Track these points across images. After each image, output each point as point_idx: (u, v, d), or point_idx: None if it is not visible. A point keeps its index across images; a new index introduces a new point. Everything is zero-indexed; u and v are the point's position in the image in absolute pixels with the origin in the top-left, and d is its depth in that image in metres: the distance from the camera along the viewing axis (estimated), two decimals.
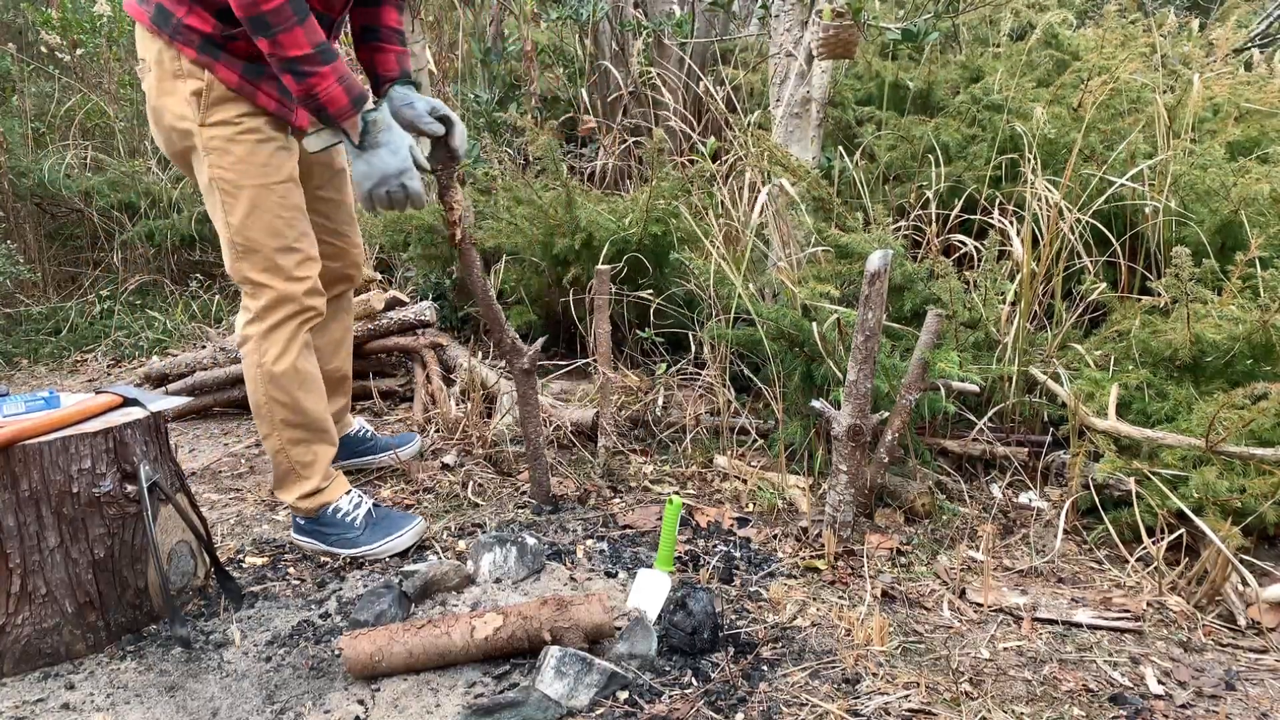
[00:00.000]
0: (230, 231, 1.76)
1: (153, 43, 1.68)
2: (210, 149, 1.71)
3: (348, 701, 1.41)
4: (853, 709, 1.38)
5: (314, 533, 1.94)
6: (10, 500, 1.45)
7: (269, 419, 1.86)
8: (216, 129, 1.71)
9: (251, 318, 1.82)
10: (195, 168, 1.77)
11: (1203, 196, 2.54)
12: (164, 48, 1.67)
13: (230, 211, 1.75)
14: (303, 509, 1.92)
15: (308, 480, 1.91)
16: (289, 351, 1.83)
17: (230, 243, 1.78)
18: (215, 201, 1.75)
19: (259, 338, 1.82)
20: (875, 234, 2.43)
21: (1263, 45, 4.24)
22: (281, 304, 1.81)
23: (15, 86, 4.86)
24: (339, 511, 1.93)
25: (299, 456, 1.89)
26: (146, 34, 1.69)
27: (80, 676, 1.49)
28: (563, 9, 4.08)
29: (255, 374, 1.83)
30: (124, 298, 4.25)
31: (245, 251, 1.78)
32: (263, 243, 1.77)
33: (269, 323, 1.81)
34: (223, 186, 1.73)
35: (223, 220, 1.76)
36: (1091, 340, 2.35)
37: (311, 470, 1.91)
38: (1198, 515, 1.80)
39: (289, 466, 1.90)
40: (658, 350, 2.91)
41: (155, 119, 1.75)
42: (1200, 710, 1.42)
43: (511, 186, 3.29)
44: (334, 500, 1.93)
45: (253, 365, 1.83)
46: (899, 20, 3.28)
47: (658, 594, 1.62)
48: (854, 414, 1.86)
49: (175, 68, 1.68)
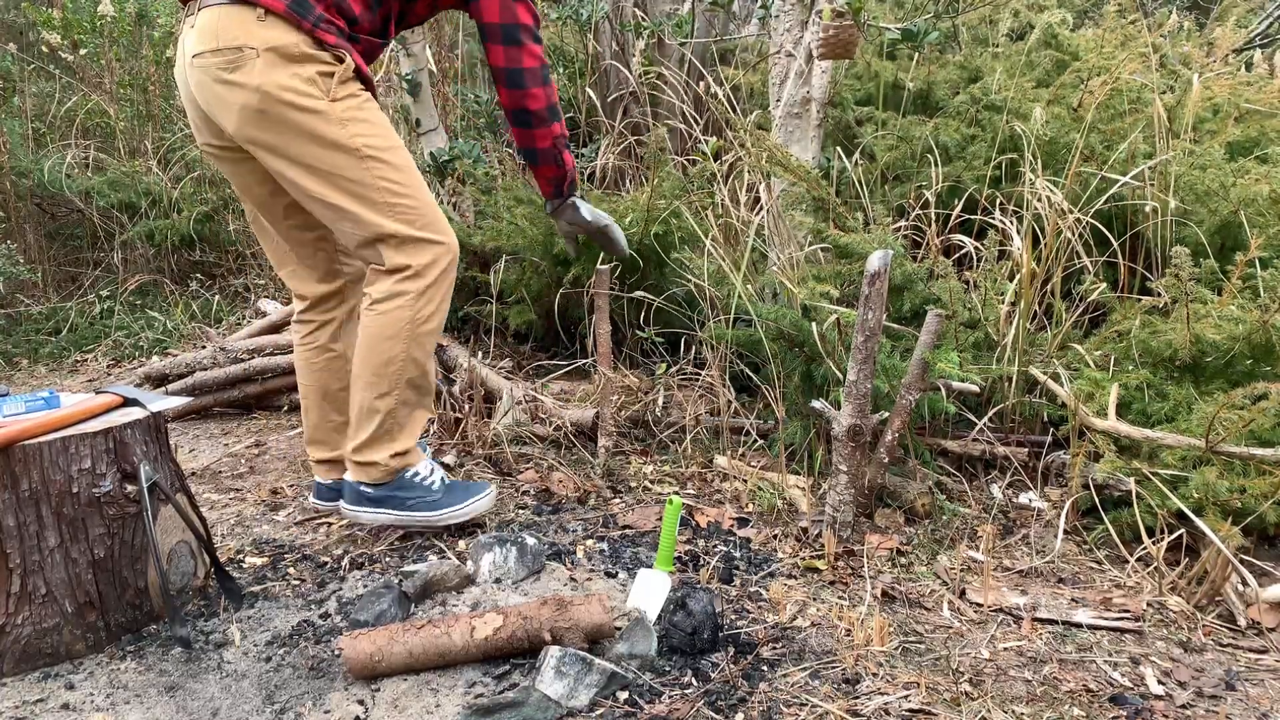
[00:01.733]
0: (391, 193, 1.80)
1: (278, 30, 1.71)
2: (349, 119, 1.77)
3: (348, 701, 1.41)
4: (853, 709, 1.38)
5: (385, 500, 1.93)
6: (10, 500, 1.45)
7: (394, 377, 1.86)
8: (347, 102, 1.78)
9: (411, 275, 1.83)
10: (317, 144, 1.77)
11: (1202, 197, 2.55)
12: (296, 35, 1.72)
13: (388, 171, 1.80)
14: (385, 470, 1.91)
15: (402, 440, 1.92)
16: (441, 310, 1.88)
17: (390, 205, 1.80)
18: (362, 168, 1.78)
19: (416, 295, 1.83)
20: (875, 234, 2.44)
21: (1263, 45, 4.24)
22: (444, 258, 1.86)
23: (16, 86, 4.86)
24: (418, 475, 1.94)
25: (403, 417, 1.91)
26: (275, 19, 1.71)
27: (80, 676, 1.49)
28: (563, 9, 4.08)
29: (399, 331, 1.83)
30: (124, 298, 4.25)
31: (409, 208, 1.82)
32: (422, 197, 1.84)
33: (429, 279, 1.84)
34: (372, 152, 1.79)
35: (374, 184, 1.79)
36: (1091, 340, 2.35)
37: (409, 432, 1.93)
38: (1198, 515, 1.80)
39: (389, 426, 1.90)
40: (657, 350, 2.91)
41: (260, 100, 1.72)
42: (1200, 710, 1.42)
43: (511, 186, 3.29)
44: (416, 464, 1.95)
45: (398, 323, 1.83)
46: (899, 20, 3.28)
47: (658, 594, 1.62)
48: (854, 414, 1.86)
49: (300, 53, 1.73)
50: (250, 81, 1.71)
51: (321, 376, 2.07)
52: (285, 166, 1.79)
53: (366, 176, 1.79)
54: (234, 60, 1.71)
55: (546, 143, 1.95)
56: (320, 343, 2.06)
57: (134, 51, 4.94)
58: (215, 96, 1.75)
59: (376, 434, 1.89)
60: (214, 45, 1.71)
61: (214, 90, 1.74)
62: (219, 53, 1.71)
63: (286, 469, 2.52)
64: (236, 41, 1.71)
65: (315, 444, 2.11)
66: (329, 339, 2.06)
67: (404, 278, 1.83)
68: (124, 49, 4.86)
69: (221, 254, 4.50)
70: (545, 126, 1.93)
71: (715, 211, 2.80)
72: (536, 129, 1.93)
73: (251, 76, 1.70)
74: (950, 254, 2.65)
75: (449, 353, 3.05)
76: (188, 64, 1.76)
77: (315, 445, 2.12)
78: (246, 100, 1.72)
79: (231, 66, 1.71)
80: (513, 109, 1.91)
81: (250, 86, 1.71)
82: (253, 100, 1.72)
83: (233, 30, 1.71)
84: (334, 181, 1.79)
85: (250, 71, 1.70)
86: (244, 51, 1.71)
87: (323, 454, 2.11)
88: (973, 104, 3.15)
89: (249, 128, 1.76)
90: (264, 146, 1.78)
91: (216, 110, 1.76)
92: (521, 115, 1.92)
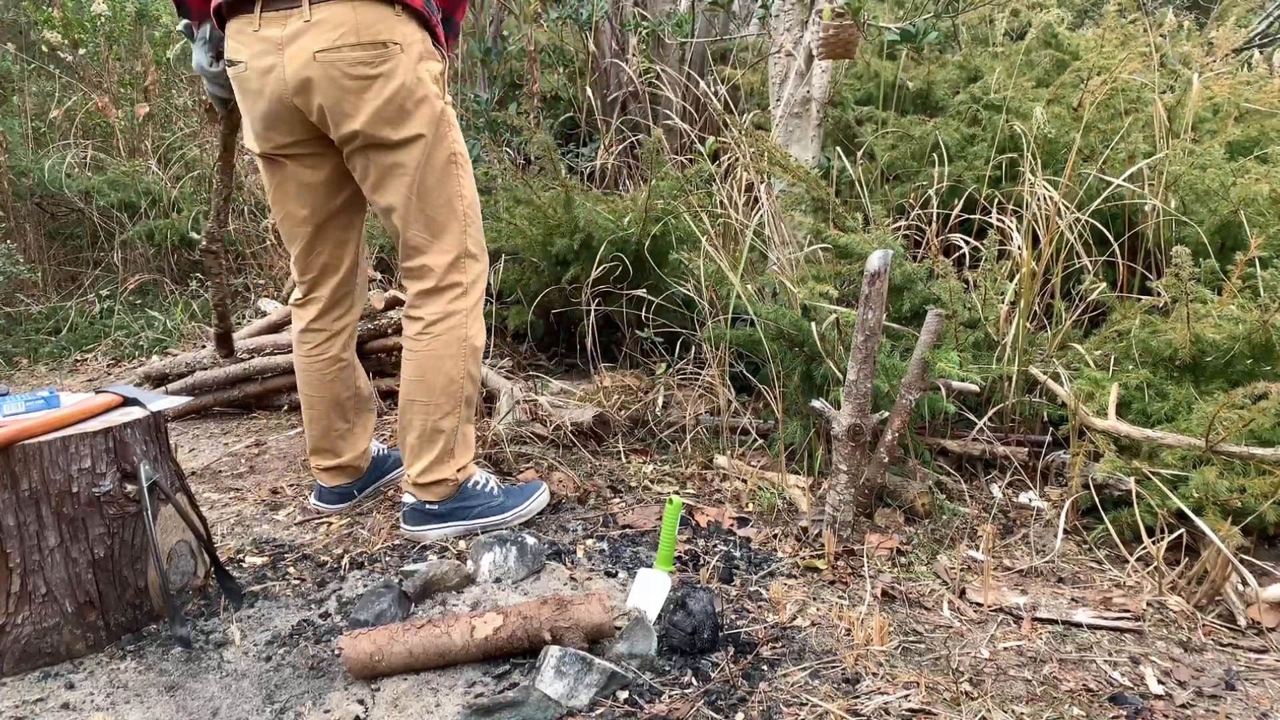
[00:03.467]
0: (464, 204, 1.84)
1: (413, 25, 1.74)
2: (450, 124, 1.82)
3: (348, 701, 1.41)
4: (853, 709, 1.38)
5: (452, 514, 1.95)
6: (10, 500, 1.45)
7: (456, 396, 1.88)
8: (449, 106, 1.83)
9: (461, 293, 1.85)
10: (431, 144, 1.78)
11: (1202, 196, 2.55)
12: (424, 31, 1.75)
13: (464, 184, 1.84)
14: (452, 485, 1.93)
15: (462, 455, 1.94)
16: (484, 329, 1.93)
17: (462, 215, 1.84)
18: (449, 175, 1.81)
19: (466, 313, 1.86)
20: (875, 234, 2.44)
21: (1263, 45, 4.24)
22: (484, 276, 1.91)
23: (15, 86, 4.86)
24: (477, 483, 1.97)
25: (466, 432, 1.94)
26: (411, 15, 1.73)
27: (80, 676, 1.49)
28: (563, 9, 4.08)
29: (458, 350, 1.85)
30: (124, 297, 4.25)
31: (469, 223, 1.85)
32: (477, 214, 1.88)
33: (475, 296, 1.88)
34: (461, 160, 1.83)
35: (456, 193, 1.82)
36: (1091, 340, 2.35)
37: (467, 445, 1.96)
38: (1198, 515, 1.80)
39: (453, 444, 1.91)
40: (657, 350, 2.91)
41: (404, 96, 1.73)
42: (1200, 710, 1.42)
43: (510, 186, 3.30)
44: (475, 473, 1.98)
45: (456, 342, 1.85)
46: (899, 20, 3.28)
47: (658, 594, 1.62)
48: (854, 414, 1.86)
49: (427, 50, 1.76)
50: (396, 76, 1.71)
51: (333, 387, 2.05)
52: (391, 166, 1.78)
53: (453, 184, 1.82)
54: (380, 55, 1.70)
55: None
56: (332, 353, 2.04)
57: (134, 51, 4.94)
58: (347, 91, 1.71)
59: (441, 454, 1.90)
60: (353, 40, 1.69)
61: (346, 85, 1.71)
62: (361, 47, 1.69)
63: (286, 469, 2.52)
64: (380, 36, 1.70)
65: (321, 453, 2.11)
66: (340, 349, 2.05)
67: (456, 296, 1.85)
68: (124, 49, 4.85)
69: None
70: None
71: (714, 212, 2.80)
72: None
73: (398, 71, 1.71)
74: (950, 254, 2.65)
75: None
76: (300, 60, 1.70)
77: (321, 454, 2.11)
78: (392, 95, 1.72)
79: (378, 61, 1.70)
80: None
81: (396, 81, 1.72)
82: (399, 95, 1.73)
83: (375, 25, 1.69)
84: (427, 184, 1.80)
85: (397, 66, 1.71)
86: (389, 47, 1.71)
87: (328, 462, 2.11)
88: (973, 103, 3.15)
89: (382, 123, 1.74)
90: (386, 143, 1.76)
91: (347, 105, 1.72)
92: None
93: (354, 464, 2.13)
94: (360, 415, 2.13)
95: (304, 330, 2.04)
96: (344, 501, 2.16)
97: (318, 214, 1.95)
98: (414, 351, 1.87)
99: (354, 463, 2.13)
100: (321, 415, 2.07)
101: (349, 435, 2.12)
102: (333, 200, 1.94)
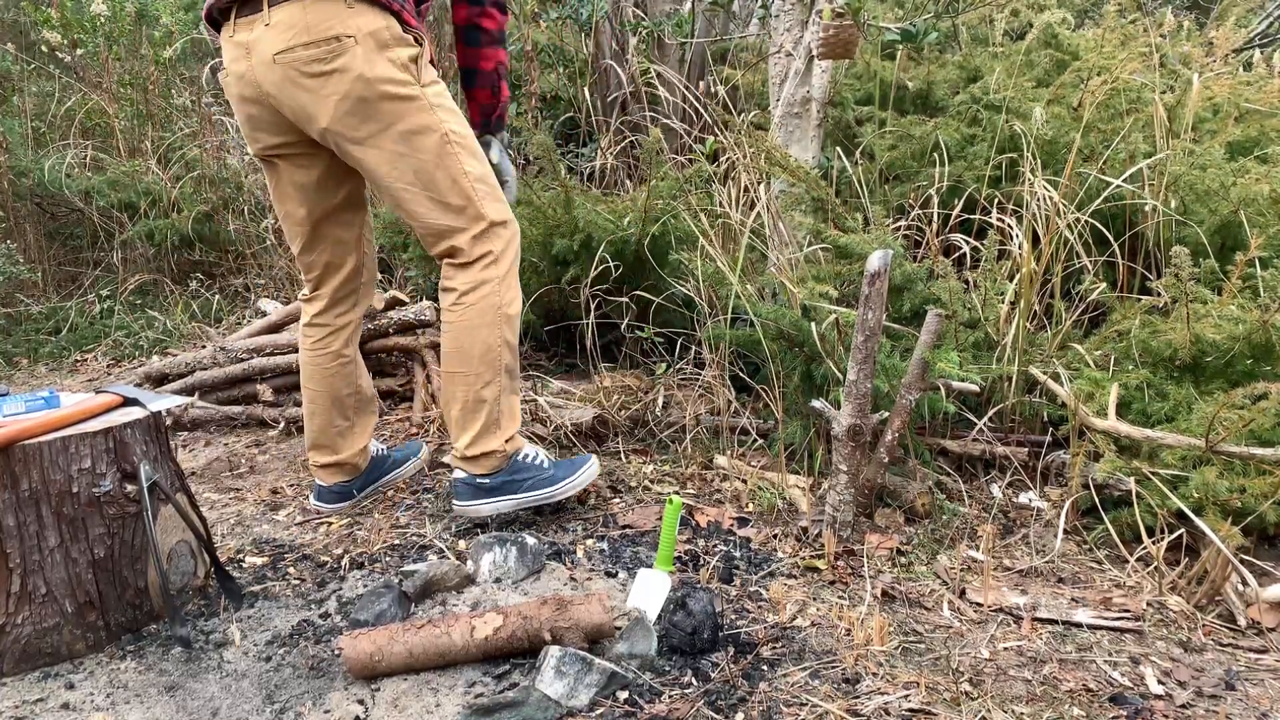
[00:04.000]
0: (472, 179, 1.83)
1: (369, 15, 1.71)
2: (436, 105, 1.80)
3: (348, 701, 1.41)
4: (853, 709, 1.38)
5: (503, 487, 1.94)
6: (10, 500, 1.45)
7: (494, 364, 1.87)
8: (433, 87, 1.81)
9: (492, 261, 1.85)
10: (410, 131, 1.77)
11: (1202, 196, 2.54)
12: (386, 18, 1.73)
13: (468, 159, 1.83)
14: (501, 457, 1.92)
15: (508, 426, 1.93)
16: (518, 290, 1.91)
17: (471, 191, 1.83)
18: (447, 155, 1.80)
19: (498, 281, 1.86)
20: (874, 234, 2.43)
21: (1263, 45, 4.24)
22: (515, 239, 1.90)
23: (15, 86, 4.86)
24: (527, 455, 1.96)
25: (507, 402, 1.93)
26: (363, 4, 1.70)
27: (80, 676, 1.49)
28: (563, 9, 4.08)
29: (493, 318, 1.85)
30: (124, 297, 4.25)
31: (486, 194, 1.85)
32: (494, 182, 1.88)
33: (508, 263, 1.88)
34: (457, 139, 1.82)
35: (459, 171, 1.82)
36: (1091, 340, 2.35)
37: (513, 417, 1.95)
38: (1198, 515, 1.80)
39: (496, 414, 1.90)
40: (657, 350, 2.91)
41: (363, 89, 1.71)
42: (1200, 710, 1.42)
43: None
44: (524, 445, 1.97)
45: (490, 310, 1.85)
46: (899, 20, 3.28)
47: (658, 594, 1.62)
48: (854, 414, 1.86)
49: (391, 37, 1.73)
50: (352, 70, 1.69)
51: (333, 382, 2.06)
52: (377, 158, 1.78)
53: (453, 164, 1.81)
54: (332, 50, 1.68)
55: (490, 65, 1.96)
56: (334, 348, 2.05)
57: (133, 51, 4.94)
58: (306, 91, 1.71)
59: (487, 424, 1.90)
60: (305, 39, 1.68)
61: (305, 85, 1.70)
62: (313, 45, 1.68)
63: (286, 469, 2.52)
64: (332, 31, 1.68)
65: (319, 449, 2.11)
66: (342, 345, 2.07)
67: (487, 265, 1.85)
68: (123, 48, 4.86)
69: (221, 254, 4.50)
70: (494, 48, 1.95)
71: (713, 212, 2.80)
72: (485, 48, 1.95)
73: (353, 65, 1.69)
74: (950, 254, 2.65)
75: None
76: (263, 63, 1.71)
77: (319, 450, 2.11)
78: (348, 90, 1.70)
79: (331, 57, 1.68)
80: (465, 24, 1.94)
81: (352, 75, 1.69)
82: (355, 89, 1.70)
83: (325, 21, 1.68)
84: (425, 170, 1.79)
85: (351, 60, 1.69)
86: (342, 41, 1.68)
87: (326, 458, 2.11)
88: (973, 103, 3.15)
89: (347, 118, 1.73)
90: (357, 138, 1.76)
91: (309, 105, 1.72)
92: (472, 32, 1.94)
93: (352, 461, 2.13)
94: (360, 414, 2.14)
95: (308, 324, 2.07)
96: (343, 500, 2.15)
97: (314, 213, 1.95)
98: (450, 323, 1.88)
99: (352, 460, 2.13)
100: (321, 410, 2.07)
101: (348, 433, 2.12)
102: (329, 199, 1.95)
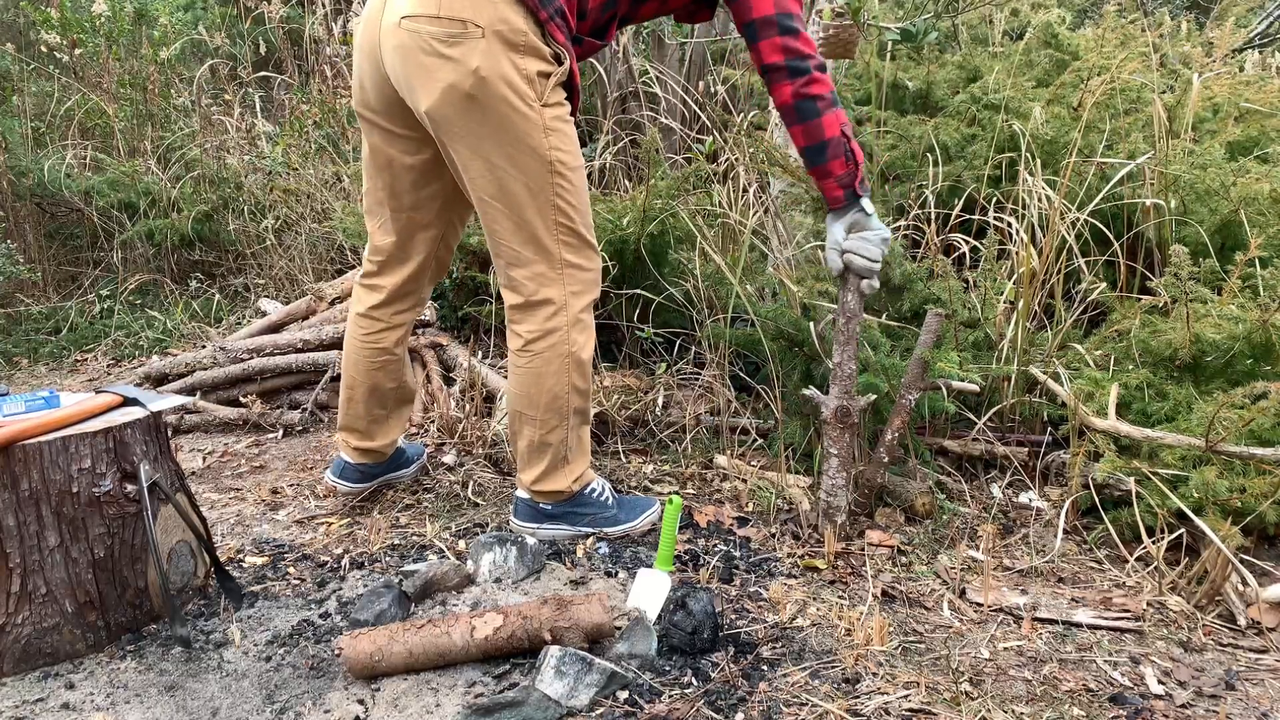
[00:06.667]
0: (563, 214, 1.74)
1: (508, 11, 1.59)
2: (550, 129, 1.68)
3: (348, 701, 1.41)
4: (853, 709, 1.38)
5: (564, 516, 1.91)
6: (10, 500, 1.45)
7: (563, 410, 1.81)
8: (555, 109, 1.69)
9: (554, 311, 1.77)
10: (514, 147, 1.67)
11: (1202, 196, 2.55)
12: (527, 21, 1.61)
13: (569, 193, 1.73)
14: (568, 493, 1.89)
15: (578, 464, 1.89)
16: (592, 329, 1.82)
17: (557, 225, 1.74)
18: (545, 184, 1.70)
19: (569, 325, 1.77)
20: None
21: (1262, 45, 4.24)
22: (594, 285, 1.81)
23: (15, 86, 4.86)
24: (594, 491, 1.93)
25: (575, 442, 1.87)
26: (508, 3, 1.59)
27: (80, 676, 1.49)
28: None
29: (559, 366, 1.78)
30: (124, 297, 4.25)
31: (572, 233, 1.76)
32: (586, 223, 1.78)
33: (580, 306, 1.79)
34: (561, 169, 1.71)
35: (550, 203, 1.72)
36: (1091, 340, 2.35)
37: (582, 452, 1.90)
38: (1198, 515, 1.80)
39: (565, 453, 1.85)
40: (657, 350, 2.91)
41: (476, 86, 1.60)
42: (1200, 710, 1.42)
43: None
44: (592, 479, 1.94)
45: (560, 356, 1.77)
46: (899, 20, 3.28)
47: (658, 594, 1.62)
48: (841, 395, 1.87)
49: (525, 43, 1.62)
50: (469, 62, 1.58)
51: (378, 376, 2.01)
52: (470, 159, 1.68)
53: (550, 192, 1.71)
54: (455, 35, 1.57)
55: (836, 130, 1.75)
56: (385, 345, 1.99)
57: (133, 51, 4.94)
58: (420, 67, 1.61)
59: (554, 462, 1.86)
60: (434, 12, 1.57)
61: (420, 60, 1.60)
62: (438, 21, 1.57)
63: (286, 469, 2.52)
64: (462, 15, 1.57)
65: (352, 431, 2.07)
66: (394, 344, 2.00)
67: (551, 314, 1.77)
68: (123, 48, 4.86)
69: (221, 254, 4.50)
70: (833, 112, 1.76)
71: (712, 211, 2.80)
72: (825, 114, 1.75)
73: (471, 57, 1.58)
74: (950, 254, 2.65)
75: (449, 352, 3.05)
76: (390, 24, 1.62)
77: (352, 433, 2.07)
78: (458, 80, 1.59)
79: (451, 40, 1.57)
80: (796, 100, 1.74)
81: (467, 67, 1.58)
82: (465, 82, 1.59)
83: (461, 1, 1.58)
84: (517, 192, 1.70)
85: (471, 50, 1.58)
86: (468, 28, 1.58)
87: (358, 442, 2.08)
88: (972, 103, 3.15)
89: (448, 109, 1.62)
90: (455, 133, 1.66)
91: (417, 81, 1.62)
92: (806, 104, 1.74)
93: (381, 450, 2.12)
94: (399, 406, 2.10)
95: (363, 314, 1.98)
96: (363, 482, 2.14)
97: (397, 198, 1.87)
98: (516, 367, 1.81)
99: (382, 449, 2.12)
100: (361, 399, 2.03)
101: (384, 422, 2.08)
102: (417, 190, 1.85)
